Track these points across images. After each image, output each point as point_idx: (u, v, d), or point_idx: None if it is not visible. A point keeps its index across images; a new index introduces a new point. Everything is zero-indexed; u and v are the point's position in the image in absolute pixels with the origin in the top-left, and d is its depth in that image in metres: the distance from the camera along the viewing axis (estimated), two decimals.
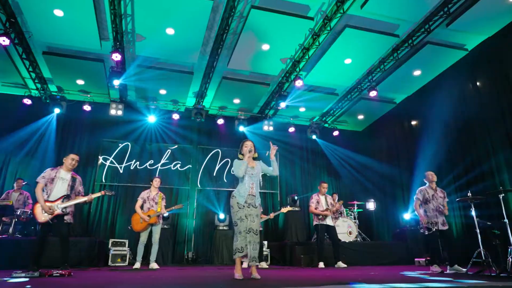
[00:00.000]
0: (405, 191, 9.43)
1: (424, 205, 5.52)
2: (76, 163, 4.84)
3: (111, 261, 7.38)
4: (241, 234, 3.90)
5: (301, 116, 10.76)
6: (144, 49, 7.55)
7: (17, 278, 3.73)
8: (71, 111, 9.11)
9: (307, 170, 10.91)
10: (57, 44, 7.37)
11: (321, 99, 9.69)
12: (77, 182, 4.82)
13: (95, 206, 8.83)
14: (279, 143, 10.61)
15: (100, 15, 6.69)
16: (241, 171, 4.07)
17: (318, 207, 6.89)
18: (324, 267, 6.55)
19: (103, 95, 9.18)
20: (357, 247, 7.78)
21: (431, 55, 7.71)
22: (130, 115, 9.50)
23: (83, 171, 9.05)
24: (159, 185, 6.69)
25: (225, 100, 9.79)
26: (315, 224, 6.85)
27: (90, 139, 9.33)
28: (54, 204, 4.49)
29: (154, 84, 8.83)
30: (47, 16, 6.43)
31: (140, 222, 6.25)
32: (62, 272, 4.01)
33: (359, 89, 9.12)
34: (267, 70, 8.44)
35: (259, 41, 7.34)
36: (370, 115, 10.70)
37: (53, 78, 8.46)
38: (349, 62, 8.00)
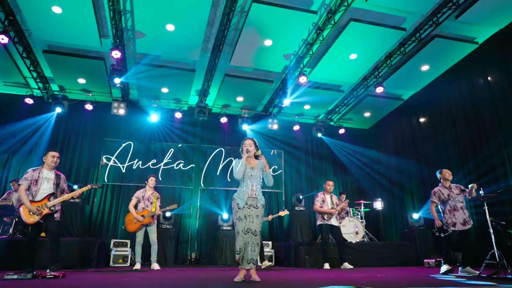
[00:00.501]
0: (414, 190, 9.18)
1: (442, 207, 5.31)
2: (57, 160, 4.71)
3: (112, 262, 7.28)
4: (239, 235, 3.73)
5: (306, 114, 10.55)
6: (144, 46, 7.42)
7: (10, 280, 3.62)
8: (73, 110, 9.05)
9: (313, 169, 10.69)
10: (57, 42, 7.28)
11: (326, 96, 9.47)
12: (61, 179, 4.74)
13: (97, 207, 8.75)
14: (283, 141, 10.50)
15: (99, 12, 6.58)
16: (239, 173, 3.90)
17: (324, 206, 6.69)
18: (329, 268, 6.36)
19: (105, 94, 9.09)
20: (364, 247, 7.55)
21: (439, 49, 7.45)
22: (133, 114, 9.40)
23: (86, 171, 8.99)
24: (155, 184, 6.55)
25: (228, 98, 9.63)
26: (319, 223, 6.66)
27: (92, 139, 9.25)
28: (41, 204, 4.37)
29: (156, 82, 8.70)
30: (46, 13, 6.33)
31: (134, 222, 6.13)
32: (56, 273, 3.88)
33: (365, 85, 8.89)
34: (270, 67, 8.26)
35: (261, 36, 7.16)
36: (377, 112, 10.45)
37: (55, 77, 8.39)
38: (355, 57, 7.78)
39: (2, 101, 8.59)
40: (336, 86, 9.20)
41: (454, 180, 7.56)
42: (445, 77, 8.35)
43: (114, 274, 4.95)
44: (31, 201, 4.39)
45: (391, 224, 9.87)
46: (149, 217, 6.16)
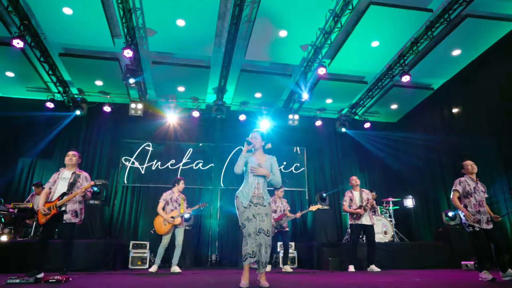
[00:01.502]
0: (448, 186, 8.47)
1: (465, 199, 4.58)
2: (73, 158, 4.58)
3: (131, 263, 7.21)
4: (251, 237, 3.41)
5: (328, 109, 10.07)
6: (157, 44, 7.31)
7: (12, 284, 3.52)
8: (92, 112, 9.13)
9: (337, 165, 10.19)
10: (72, 44, 7.31)
11: (348, 88, 8.97)
12: (80, 178, 4.54)
13: (118, 208, 8.75)
14: (305, 138, 10.09)
15: (109, 11, 6.51)
16: (238, 166, 3.60)
17: (352, 204, 6.24)
18: (354, 271, 5.92)
19: (123, 95, 9.09)
20: (393, 248, 7.02)
21: (472, 30, 6.79)
22: (150, 114, 9.36)
23: (106, 172, 9.03)
24: (183, 187, 6.38)
25: (246, 95, 9.36)
26: (350, 224, 6.22)
27: (112, 141, 9.28)
28: (53, 204, 4.27)
29: (172, 81, 8.61)
30: (57, 15, 6.33)
31: (164, 224, 5.96)
32: (59, 277, 3.74)
33: (390, 75, 8.32)
34: (287, 59, 7.90)
35: (275, 27, 6.83)
36: (404, 104, 9.79)
37: (73, 80, 8.47)
38: (377, 45, 7.27)
39: (25, 106, 8.77)
40: (359, 77, 8.68)
41: (493, 173, 6.93)
42: (479, 62, 7.64)
43: (127, 276, 4.79)
44: (48, 202, 4.31)
45: (423, 223, 9.20)
46: (179, 218, 6.01)
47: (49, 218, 4.23)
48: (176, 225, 6.00)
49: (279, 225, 6.46)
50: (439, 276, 4.87)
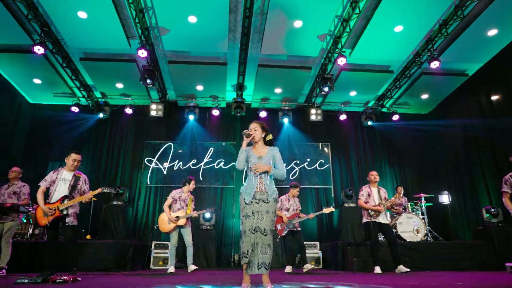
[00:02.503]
0: (489, 180, 7.75)
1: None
2: (78, 163, 4.58)
3: (153, 264, 7.22)
4: (246, 234, 3.18)
5: (353, 102, 9.59)
6: (171, 43, 7.26)
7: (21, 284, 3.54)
8: (115, 115, 9.30)
9: (364, 161, 9.68)
10: (91, 48, 7.44)
11: (373, 79, 8.47)
12: (80, 181, 4.54)
13: (142, 209, 8.83)
14: (329, 133, 9.70)
15: (122, 12, 6.54)
16: (239, 162, 3.35)
17: (369, 201, 5.84)
18: (380, 273, 5.50)
19: (143, 97, 9.18)
20: (425, 247, 6.49)
21: (509, 6, 6.11)
22: (171, 115, 9.41)
23: (130, 174, 9.15)
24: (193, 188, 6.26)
25: (266, 91, 9.12)
26: (365, 221, 5.81)
27: (134, 142, 9.41)
28: (55, 206, 4.27)
29: (190, 80, 8.56)
30: (73, 19, 6.44)
31: (168, 223, 5.88)
32: (66, 278, 3.72)
33: (418, 62, 7.75)
34: (305, 51, 7.58)
35: (289, 18, 6.55)
36: (436, 93, 9.11)
37: (95, 84, 8.66)
38: (400, 29, 6.76)
39: (53, 112, 9.10)
40: (384, 67, 8.17)
41: None
42: None
43: (140, 277, 4.72)
44: (47, 203, 4.33)
45: (461, 220, 8.49)
46: (184, 219, 5.89)
47: (52, 220, 4.24)
48: (180, 226, 5.87)
49: (291, 225, 6.16)
50: (479, 279, 4.36)
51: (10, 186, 5.49)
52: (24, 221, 7.06)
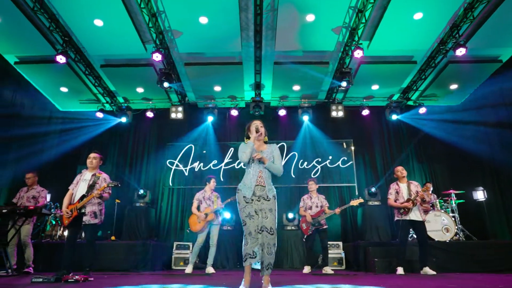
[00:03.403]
0: None
1: None
2: (93, 161, 4.71)
3: (174, 264, 7.31)
4: (252, 235, 3.11)
5: (376, 96, 9.20)
6: (185, 45, 7.32)
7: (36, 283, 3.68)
8: (137, 119, 9.54)
9: (390, 157, 9.26)
10: (110, 55, 7.66)
11: (395, 71, 8.08)
12: (100, 180, 4.64)
13: (165, 210, 8.98)
14: (352, 129, 9.40)
15: (136, 18, 6.67)
16: (246, 155, 3.30)
17: (398, 198, 5.56)
18: (403, 274, 5.22)
19: (164, 100, 9.34)
20: (455, 248, 6.07)
21: None
22: (191, 117, 9.50)
23: (153, 176, 9.35)
24: (215, 186, 6.31)
25: (284, 88, 8.98)
26: (396, 220, 5.54)
27: (157, 145, 9.61)
28: (74, 206, 4.41)
29: (207, 81, 8.59)
30: (90, 27, 6.66)
31: (198, 222, 5.96)
32: (77, 277, 3.82)
33: (443, 50, 7.29)
34: (321, 46, 7.37)
35: (300, 13, 6.40)
36: (467, 82, 8.52)
37: (117, 89, 8.93)
38: (420, 17, 6.38)
39: (80, 118, 9.50)
40: (406, 57, 7.76)
41: None
42: None
43: (152, 277, 4.77)
44: (71, 204, 4.49)
45: (499, 218, 7.88)
46: (213, 214, 5.97)
47: (72, 220, 4.38)
48: (211, 223, 5.94)
49: (316, 222, 5.99)
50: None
51: (30, 190, 5.79)
52: (53, 222, 7.43)
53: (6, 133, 7.80)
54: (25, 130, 8.41)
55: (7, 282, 3.94)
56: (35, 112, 8.85)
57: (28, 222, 5.65)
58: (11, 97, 8.05)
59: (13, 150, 8.04)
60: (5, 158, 7.83)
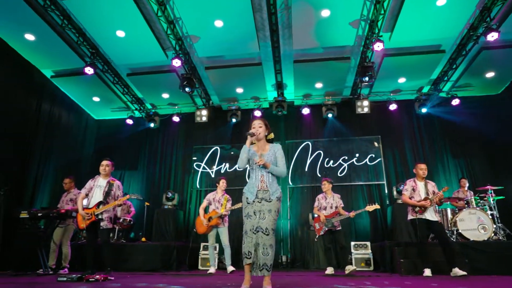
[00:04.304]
0: None
1: None
2: (106, 168, 4.91)
3: (200, 265, 7.45)
4: (247, 235, 3.11)
5: (403, 89, 8.80)
6: (204, 49, 7.47)
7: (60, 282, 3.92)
8: (165, 124, 9.87)
9: (422, 153, 8.80)
10: (135, 64, 8.00)
11: (423, 62, 7.67)
12: (114, 187, 4.85)
13: (193, 212, 9.18)
14: (379, 125, 9.07)
15: (155, 26, 6.90)
16: (241, 161, 3.29)
17: (414, 195, 5.31)
18: (431, 276, 4.93)
19: (189, 104, 9.58)
20: (492, 248, 5.63)
21: None
22: (216, 119, 9.65)
23: (181, 179, 9.61)
24: (225, 186, 6.36)
25: (307, 87, 8.86)
26: (410, 219, 5.29)
27: (184, 148, 9.86)
28: (91, 211, 4.63)
29: (229, 84, 8.71)
30: (114, 39, 7.00)
31: (203, 224, 6.04)
32: (98, 277, 4.03)
33: (474, 36, 6.81)
34: (340, 41, 7.19)
35: (315, 9, 6.28)
36: (505, 69, 7.89)
37: (144, 96, 9.30)
38: (444, 2, 6.02)
39: (112, 125, 10.02)
40: (433, 47, 7.35)
41: None
42: None
43: (171, 277, 4.90)
44: (86, 208, 4.73)
45: None
46: (217, 218, 6.01)
47: (89, 224, 4.61)
48: (214, 226, 5.96)
49: (330, 224, 5.82)
50: None
51: (68, 194, 6.19)
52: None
53: (47, 142, 8.38)
54: (64, 138, 9.00)
55: (36, 280, 4.24)
56: (72, 122, 9.44)
57: (63, 225, 6.02)
58: (50, 108, 8.64)
59: (54, 157, 8.62)
60: (47, 166, 8.42)
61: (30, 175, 7.82)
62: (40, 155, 8.13)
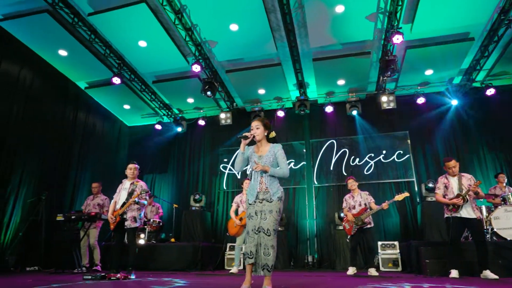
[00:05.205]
0: None
1: None
2: (134, 171, 5.15)
3: (226, 265, 7.60)
4: (249, 235, 3.17)
5: (432, 81, 8.39)
6: (222, 53, 7.62)
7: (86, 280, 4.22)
8: (191, 128, 10.17)
9: (455, 147, 8.34)
10: (160, 71, 8.32)
11: (450, 51, 7.27)
12: (137, 187, 5.08)
13: (221, 213, 9.38)
14: (406, 120, 8.73)
15: (174, 34, 7.14)
16: (237, 165, 3.40)
17: (447, 193, 5.05)
18: (458, 277, 4.69)
19: (214, 108, 9.81)
20: None
21: None
22: (240, 121, 9.75)
23: (209, 181, 9.85)
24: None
25: (329, 84, 8.73)
26: (446, 217, 5.04)
27: (211, 150, 10.09)
28: (118, 212, 4.90)
29: (251, 86, 8.80)
30: (137, 49, 7.36)
31: (234, 226, 6.18)
32: (118, 276, 4.27)
33: (504, 20, 6.35)
34: (358, 36, 7.03)
35: (328, 6, 6.21)
36: None
37: (170, 102, 9.65)
38: None
39: (143, 131, 10.49)
40: (460, 35, 6.95)
41: None
42: None
43: (193, 277, 5.06)
44: (115, 210, 5.01)
45: None
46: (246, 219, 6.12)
47: (116, 225, 4.89)
48: (245, 226, 6.06)
49: (360, 221, 5.68)
50: None
51: (95, 199, 6.60)
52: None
53: (83, 149, 8.97)
54: (99, 145, 9.57)
55: (66, 278, 4.57)
56: (106, 129, 10.01)
57: (94, 227, 6.46)
58: (85, 117, 9.24)
59: (90, 163, 9.19)
60: (85, 171, 9.00)
61: (69, 180, 8.41)
62: (78, 162, 8.72)
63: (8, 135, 6.82)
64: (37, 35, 6.99)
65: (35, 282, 4.01)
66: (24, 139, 7.15)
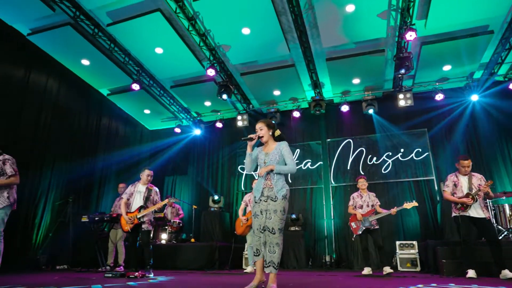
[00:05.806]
0: None
1: None
2: (151, 178, 5.37)
3: (244, 264, 7.72)
4: (255, 234, 3.28)
5: (451, 77, 8.18)
6: (236, 57, 7.75)
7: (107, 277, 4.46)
8: (209, 130, 10.38)
9: (477, 143, 8.09)
10: (176, 76, 8.58)
11: (469, 45, 7.06)
12: (152, 192, 5.30)
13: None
14: (425, 117, 8.55)
15: (189, 40, 7.35)
16: (247, 167, 3.55)
17: (456, 191, 4.97)
18: (475, 277, 4.59)
19: (230, 110, 9.98)
20: None
21: None
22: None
23: (228, 182, 10.03)
24: None
25: (344, 84, 8.69)
26: (453, 216, 4.96)
27: (229, 152, 10.27)
28: (133, 215, 5.12)
29: (266, 87, 8.89)
30: (154, 56, 7.64)
31: (241, 225, 6.29)
32: (136, 274, 4.48)
33: None
34: (370, 35, 6.97)
35: (338, 6, 6.21)
36: None
37: (188, 106, 9.91)
38: None
39: (164, 134, 10.82)
40: (478, 28, 6.75)
41: None
42: None
43: (207, 276, 5.22)
44: (128, 212, 5.25)
45: None
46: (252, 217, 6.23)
47: (132, 227, 5.12)
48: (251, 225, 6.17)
49: (367, 222, 5.66)
50: None
51: (121, 199, 6.90)
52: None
53: (107, 153, 9.38)
54: (122, 149, 9.97)
55: (89, 276, 4.85)
56: (128, 133, 10.41)
57: (117, 227, 6.76)
58: (108, 123, 9.66)
59: (114, 166, 9.60)
60: (109, 174, 9.42)
61: (95, 183, 8.83)
62: (103, 165, 9.13)
63: (37, 142, 7.26)
64: (61, 47, 7.40)
65: (60, 279, 4.29)
66: (52, 145, 7.59)
